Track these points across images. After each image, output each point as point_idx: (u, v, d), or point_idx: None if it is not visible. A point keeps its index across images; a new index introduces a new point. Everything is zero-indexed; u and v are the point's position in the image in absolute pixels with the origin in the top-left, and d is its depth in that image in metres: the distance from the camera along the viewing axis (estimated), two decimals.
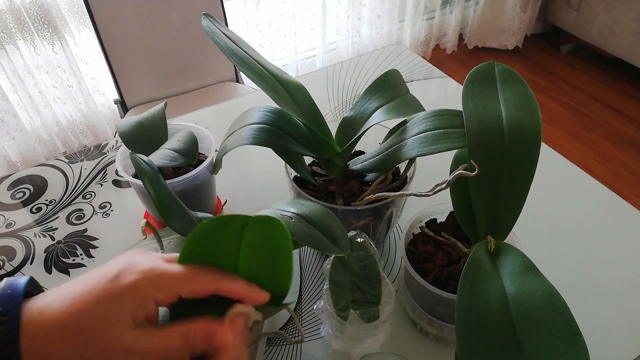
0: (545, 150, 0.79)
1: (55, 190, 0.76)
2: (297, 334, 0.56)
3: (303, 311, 0.59)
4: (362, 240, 0.49)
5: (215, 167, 0.61)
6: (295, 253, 0.65)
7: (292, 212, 0.41)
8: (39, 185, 0.77)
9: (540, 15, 2.49)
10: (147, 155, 0.58)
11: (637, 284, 0.60)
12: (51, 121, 1.72)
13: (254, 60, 0.53)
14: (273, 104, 0.55)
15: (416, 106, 0.57)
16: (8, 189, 0.76)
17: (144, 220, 0.45)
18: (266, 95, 0.52)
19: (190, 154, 0.59)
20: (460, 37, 2.51)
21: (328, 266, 0.48)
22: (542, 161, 0.44)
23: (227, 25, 1.43)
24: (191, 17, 1.38)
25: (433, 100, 0.92)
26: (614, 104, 2.17)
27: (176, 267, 0.32)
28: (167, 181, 0.57)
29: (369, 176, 0.59)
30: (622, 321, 0.57)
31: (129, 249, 0.51)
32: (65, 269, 0.64)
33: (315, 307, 0.51)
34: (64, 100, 1.69)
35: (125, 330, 0.29)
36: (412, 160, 0.56)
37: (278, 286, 0.35)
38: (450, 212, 0.56)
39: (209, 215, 0.51)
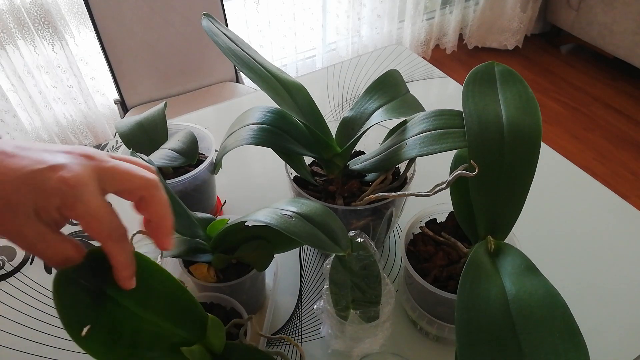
0: (545, 150, 0.79)
1: None
2: (297, 334, 0.56)
3: (303, 311, 0.59)
4: (362, 240, 0.49)
5: (215, 167, 0.61)
6: (295, 253, 0.66)
7: (293, 211, 0.41)
8: None
9: (540, 15, 2.49)
10: (147, 155, 0.58)
11: (637, 284, 0.60)
12: (51, 121, 1.72)
13: (254, 60, 0.53)
14: (273, 104, 0.55)
15: (416, 106, 0.57)
16: None
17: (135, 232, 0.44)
18: (266, 95, 0.52)
19: (190, 154, 0.59)
20: (460, 37, 2.50)
21: (328, 266, 0.48)
22: (542, 161, 0.44)
23: (227, 25, 1.43)
24: (191, 17, 1.38)
25: (433, 100, 0.92)
26: (614, 104, 2.17)
27: (94, 202, 0.31)
28: (167, 181, 0.57)
29: (369, 176, 0.59)
30: (622, 321, 0.57)
31: None
32: None
33: (315, 307, 0.51)
34: (64, 100, 1.69)
35: (29, 222, 0.30)
36: (412, 160, 0.56)
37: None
38: (450, 212, 0.56)
39: (209, 215, 0.51)
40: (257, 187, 0.75)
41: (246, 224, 0.42)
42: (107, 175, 0.32)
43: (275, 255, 0.51)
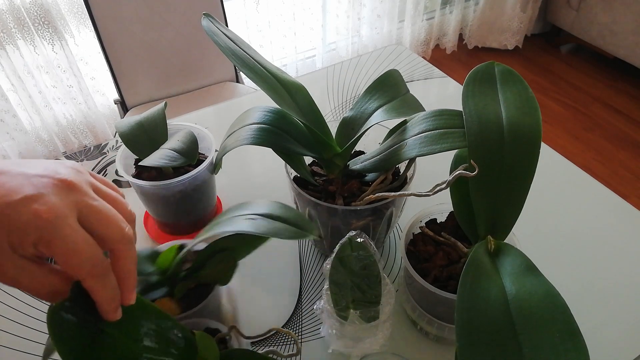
0: (545, 150, 0.79)
1: None
2: (297, 334, 0.56)
3: (303, 311, 0.59)
4: (362, 240, 0.49)
5: (215, 167, 0.61)
6: (295, 253, 0.65)
7: (253, 214, 0.42)
8: None
9: (540, 15, 2.49)
10: (147, 156, 0.58)
11: (637, 284, 0.60)
12: (51, 121, 1.72)
13: (254, 60, 0.53)
14: (273, 104, 0.55)
15: (416, 106, 0.57)
16: None
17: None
18: (266, 95, 0.52)
19: (190, 154, 0.59)
20: (460, 37, 2.51)
21: (328, 266, 0.48)
22: (542, 161, 0.44)
23: (227, 25, 1.43)
24: (191, 17, 1.38)
25: (433, 100, 0.92)
26: (614, 104, 2.17)
27: (75, 237, 0.29)
28: (167, 181, 0.57)
29: (369, 176, 0.59)
30: (622, 321, 0.57)
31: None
32: None
33: (315, 307, 0.51)
34: (64, 100, 1.69)
35: (5, 257, 0.28)
36: (412, 160, 0.56)
37: None
38: (450, 212, 0.56)
39: (153, 248, 0.49)
40: (257, 187, 0.75)
41: (224, 235, 0.41)
42: (88, 213, 0.30)
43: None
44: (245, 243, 0.46)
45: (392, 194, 0.48)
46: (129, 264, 0.32)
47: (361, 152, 0.64)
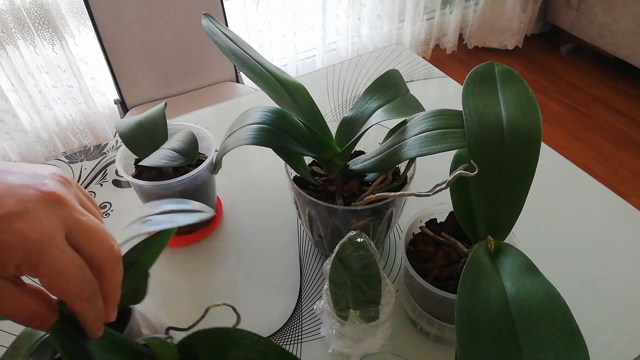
0: (545, 150, 0.79)
1: None
2: (297, 334, 0.56)
3: (303, 311, 0.59)
4: (362, 240, 0.49)
5: (215, 167, 0.61)
6: (295, 253, 0.65)
7: (145, 216, 0.41)
8: None
9: (540, 15, 2.50)
10: (147, 156, 0.58)
11: (637, 284, 0.60)
12: (51, 121, 1.72)
13: (254, 60, 0.53)
14: (273, 104, 0.55)
15: (416, 106, 0.57)
16: None
17: None
18: (266, 95, 0.52)
19: (190, 154, 0.59)
20: (460, 37, 2.51)
21: (328, 266, 0.48)
22: (542, 161, 0.44)
23: (227, 25, 1.43)
24: (191, 17, 1.38)
25: (433, 100, 0.92)
26: (614, 104, 2.17)
27: (63, 258, 0.27)
28: (167, 181, 0.57)
29: (369, 176, 0.59)
30: (622, 321, 0.57)
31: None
32: None
33: (315, 307, 0.51)
34: (64, 100, 1.69)
35: None
36: (412, 160, 0.56)
37: None
38: (450, 212, 0.56)
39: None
40: (257, 187, 0.75)
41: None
42: (77, 230, 0.28)
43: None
44: (150, 247, 0.43)
45: (392, 194, 0.48)
46: (115, 282, 0.31)
47: (361, 152, 0.64)
